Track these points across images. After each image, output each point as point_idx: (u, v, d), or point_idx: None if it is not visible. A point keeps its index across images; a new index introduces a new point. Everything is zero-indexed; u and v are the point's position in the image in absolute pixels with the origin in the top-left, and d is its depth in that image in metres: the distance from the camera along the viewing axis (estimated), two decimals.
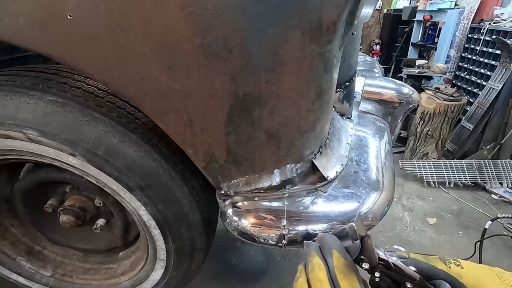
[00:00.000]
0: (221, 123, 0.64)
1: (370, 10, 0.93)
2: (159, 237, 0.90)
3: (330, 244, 0.39)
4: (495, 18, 3.01)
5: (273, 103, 0.63)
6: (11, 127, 0.73)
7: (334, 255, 0.37)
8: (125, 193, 0.81)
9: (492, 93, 2.70)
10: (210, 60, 0.55)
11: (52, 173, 0.95)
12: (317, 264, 0.38)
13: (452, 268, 0.35)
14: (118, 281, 1.12)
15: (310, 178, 0.81)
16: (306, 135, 0.73)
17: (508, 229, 1.89)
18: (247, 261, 1.67)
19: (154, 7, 0.52)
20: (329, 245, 0.39)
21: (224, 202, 0.79)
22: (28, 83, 0.75)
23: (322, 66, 0.64)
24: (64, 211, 0.98)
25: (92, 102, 0.76)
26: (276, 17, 0.53)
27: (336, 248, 0.38)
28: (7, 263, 1.12)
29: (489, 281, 0.33)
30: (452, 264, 0.36)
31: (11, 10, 0.56)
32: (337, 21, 0.57)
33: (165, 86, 0.60)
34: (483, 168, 2.52)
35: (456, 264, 0.36)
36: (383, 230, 1.97)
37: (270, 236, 0.74)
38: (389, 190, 0.86)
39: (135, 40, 0.55)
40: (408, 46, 4.36)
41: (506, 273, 0.35)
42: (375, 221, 0.79)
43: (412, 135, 2.89)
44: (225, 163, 0.71)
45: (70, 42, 0.58)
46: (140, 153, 0.77)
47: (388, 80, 1.45)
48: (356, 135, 1.07)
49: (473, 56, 3.13)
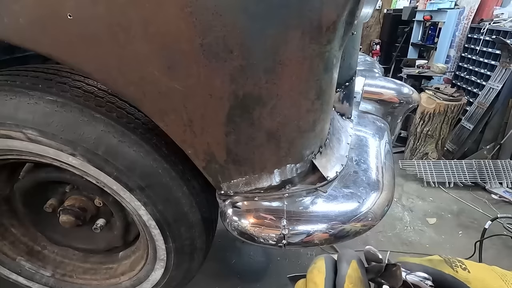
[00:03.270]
0: (221, 123, 0.64)
1: (370, 10, 0.93)
2: (159, 237, 0.90)
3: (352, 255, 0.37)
4: (495, 18, 3.01)
5: (273, 103, 0.63)
6: (11, 127, 0.73)
7: (351, 265, 0.35)
8: (125, 193, 0.81)
9: (492, 93, 2.70)
10: (210, 60, 0.55)
11: (52, 173, 0.95)
12: (318, 267, 0.36)
13: (459, 272, 0.34)
14: (118, 281, 1.12)
15: (310, 178, 0.81)
16: (306, 135, 0.73)
17: (508, 229, 1.89)
18: (247, 261, 1.67)
19: (154, 7, 0.52)
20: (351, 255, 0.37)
21: (224, 202, 0.79)
22: (28, 83, 0.75)
23: (322, 66, 0.64)
24: (64, 211, 0.98)
25: (92, 102, 0.76)
26: (276, 17, 0.53)
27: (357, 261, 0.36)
28: (7, 263, 1.12)
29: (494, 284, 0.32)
30: (458, 268, 0.35)
31: (11, 10, 0.56)
32: (337, 21, 0.57)
33: (165, 86, 0.60)
34: (483, 168, 2.52)
35: (462, 268, 0.34)
36: (383, 230, 1.97)
37: (270, 236, 0.74)
38: (389, 190, 0.86)
39: (135, 40, 0.55)
40: (408, 46, 4.36)
41: (507, 274, 0.34)
42: (375, 221, 0.79)
43: (412, 135, 2.89)
44: (225, 163, 0.71)
45: (70, 42, 0.58)
46: (140, 153, 0.77)
47: (388, 80, 1.45)
48: (356, 135, 1.07)
49: (473, 56, 3.13)
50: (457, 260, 0.36)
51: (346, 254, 0.37)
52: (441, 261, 0.36)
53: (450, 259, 0.36)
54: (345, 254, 0.37)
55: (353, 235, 0.77)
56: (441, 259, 0.36)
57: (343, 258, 0.37)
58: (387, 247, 1.85)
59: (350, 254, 0.37)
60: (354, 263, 0.35)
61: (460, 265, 0.35)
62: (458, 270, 0.34)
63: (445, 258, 0.36)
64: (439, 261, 0.36)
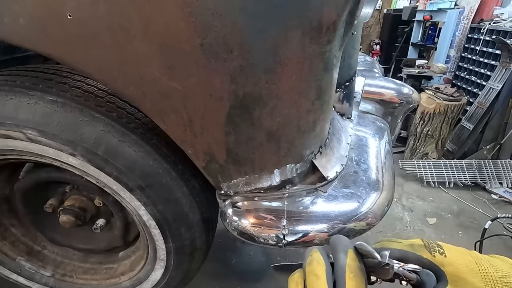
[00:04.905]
0: (221, 123, 0.64)
1: (370, 10, 0.93)
2: (159, 237, 0.90)
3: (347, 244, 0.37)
4: (495, 18, 3.01)
5: (273, 103, 0.63)
6: (11, 127, 0.73)
7: (349, 254, 0.35)
8: (125, 193, 0.81)
9: (492, 93, 2.70)
10: (210, 60, 0.55)
11: (52, 173, 0.95)
12: (317, 258, 0.36)
13: (437, 256, 0.36)
14: (118, 281, 1.12)
15: (310, 178, 0.81)
16: (306, 135, 0.73)
17: (508, 229, 1.89)
18: (247, 261, 1.67)
19: (154, 7, 0.52)
20: (346, 244, 0.37)
21: (224, 202, 0.79)
22: (28, 83, 0.75)
23: (322, 66, 0.64)
24: (64, 211, 0.98)
25: (92, 102, 0.76)
26: (276, 17, 0.53)
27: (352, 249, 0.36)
28: (7, 263, 1.12)
29: (466, 269, 0.34)
30: (436, 252, 0.36)
31: (11, 10, 0.56)
32: (337, 21, 0.57)
33: (165, 86, 0.60)
34: (483, 168, 2.52)
35: (440, 252, 0.36)
36: (383, 230, 1.97)
37: (270, 236, 0.74)
38: (389, 190, 0.86)
39: (135, 40, 0.55)
40: (408, 46, 4.36)
41: (482, 259, 0.35)
42: (375, 221, 0.79)
43: (412, 135, 2.89)
44: (225, 163, 0.71)
45: (70, 42, 0.58)
46: (140, 153, 0.77)
47: (388, 80, 1.45)
48: (356, 135, 1.07)
49: (473, 56, 3.13)
50: (437, 244, 0.37)
51: (340, 243, 0.37)
52: (421, 245, 0.38)
53: (430, 243, 0.38)
54: (339, 244, 0.37)
55: (353, 235, 0.77)
56: (422, 244, 0.38)
57: (338, 247, 0.37)
58: None
59: (344, 243, 0.37)
60: (351, 252, 0.35)
61: (438, 250, 0.37)
62: (435, 255, 0.36)
63: (425, 243, 0.38)
64: (420, 245, 0.38)
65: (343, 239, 0.38)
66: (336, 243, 0.37)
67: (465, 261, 0.35)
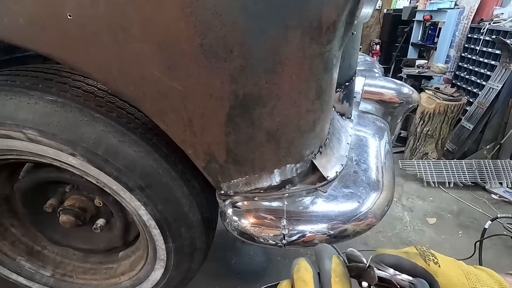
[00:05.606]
0: (221, 123, 0.64)
1: (370, 10, 0.93)
2: (159, 237, 0.90)
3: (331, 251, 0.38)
4: (495, 18, 3.01)
5: (273, 103, 0.63)
6: (11, 127, 0.73)
7: (333, 260, 0.36)
8: (125, 193, 0.81)
9: (492, 93, 2.70)
10: (210, 60, 0.55)
11: (52, 173, 0.95)
12: (304, 266, 0.37)
13: (431, 265, 0.36)
14: (118, 281, 1.12)
15: (310, 178, 0.81)
16: (306, 135, 0.73)
17: (508, 229, 1.89)
18: (247, 261, 1.67)
19: (154, 7, 0.52)
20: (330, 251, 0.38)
21: (224, 202, 0.79)
22: (28, 83, 0.75)
23: (322, 66, 0.64)
24: (64, 211, 0.98)
25: (92, 102, 0.76)
26: (276, 17, 0.53)
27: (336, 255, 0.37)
28: (7, 263, 1.12)
29: (458, 282, 0.35)
30: (431, 261, 0.37)
31: (11, 10, 0.56)
32: (337, 21, 0.57)
33: (165, 86, 0.60)
34: (483, 168, 2.52)
35: (434, 262, 0.37)
36: (383, 230, 1.97)
37: (270, 236, 0.74)
38: (389, 190, 0.87)
39: (135, 40, 0.55)
40: (408, 46, 4.36)
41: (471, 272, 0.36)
42: (375, 221, 0.79)
43: (412, 135, 2.89)
44: (225, 163, 0.71)
45: (70, 42, 0.58)
46: (140, 153, 0.77)
47: (388, 80, 1.45)
48: (356, 135, 1.07)
49: (473, 56, 3.13)
50: (431, 253, 0.38)
51: (324, 250, 0.38)
52: (416, 253, 0.38)
53: (424, 251, 0.38)
54: (323, 251, 0.38)
55: (353, 235, 0.77)
56: (417, 252, 0.38)
57: (323, 254, 0.37)
58: (387, 247, 1.84)
59: (329, 250, 0.38)
60: (336, 258, 0.36)
61: (432, 259, 0.37)
62: (430, 264, 0.36)
63: (420, 251, 0.38)
64: (415, 253, 0.38)
65: (327, 246, 0.39)
66: (321, 250, 0.38)
67: (456, 273, 0.35)
